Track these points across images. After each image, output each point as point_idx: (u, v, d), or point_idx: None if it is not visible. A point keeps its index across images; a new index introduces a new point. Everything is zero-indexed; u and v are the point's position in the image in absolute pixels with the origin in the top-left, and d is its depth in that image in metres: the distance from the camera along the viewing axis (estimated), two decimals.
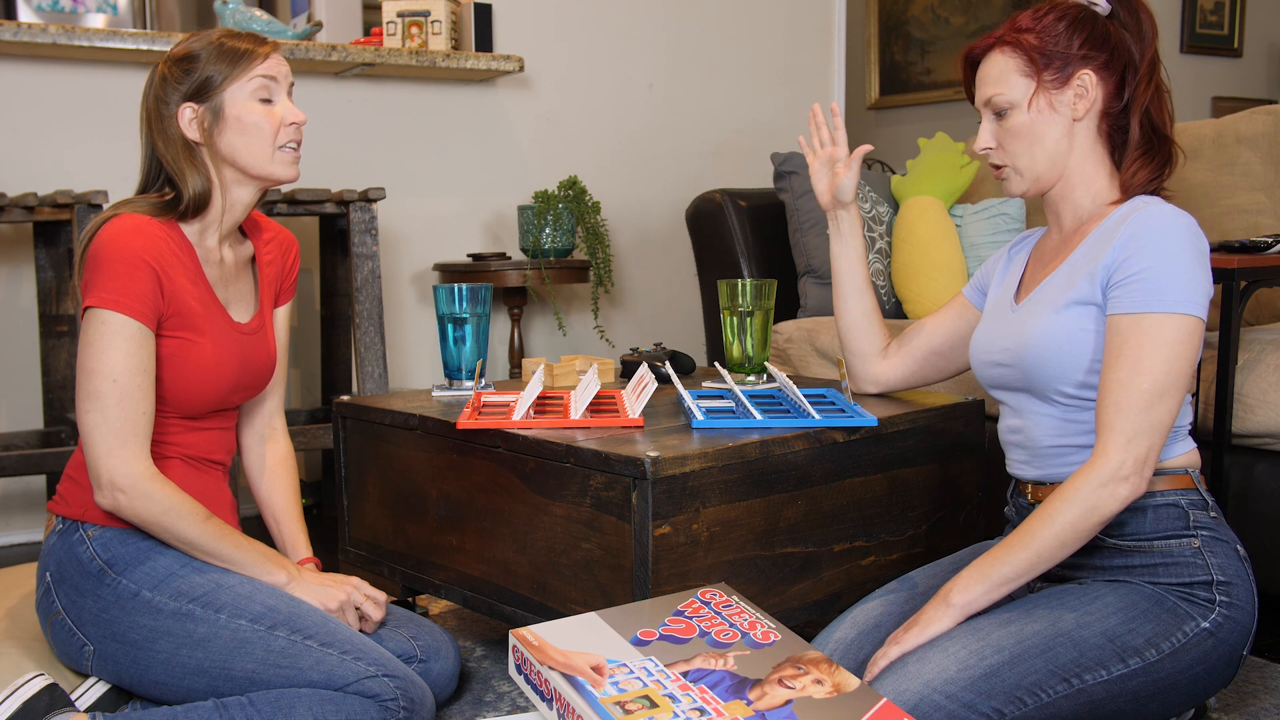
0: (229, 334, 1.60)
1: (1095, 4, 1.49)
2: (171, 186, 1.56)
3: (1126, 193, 1.49)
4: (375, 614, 1.60)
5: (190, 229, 1.58)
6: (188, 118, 1.55)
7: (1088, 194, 1.51)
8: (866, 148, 1.84)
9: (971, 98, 1.58)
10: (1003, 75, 1.49)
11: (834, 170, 1.85)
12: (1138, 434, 1.34)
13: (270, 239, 1.73)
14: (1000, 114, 1.50)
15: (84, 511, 1.54)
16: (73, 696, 1.49)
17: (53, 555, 1.55)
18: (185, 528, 1.49)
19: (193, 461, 1.61)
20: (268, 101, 1.57)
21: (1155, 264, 1.36)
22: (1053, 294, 1.49)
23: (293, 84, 1.62)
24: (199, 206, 1.57)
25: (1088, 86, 1.47)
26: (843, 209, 1.86)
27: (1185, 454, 1.47)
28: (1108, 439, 1.35)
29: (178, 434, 1.59)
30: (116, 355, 1.46)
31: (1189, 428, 1.49)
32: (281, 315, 1.76)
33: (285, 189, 2.58)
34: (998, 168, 1.54)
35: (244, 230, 1.70)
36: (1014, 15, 1.52)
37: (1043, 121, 1.48)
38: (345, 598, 1.57)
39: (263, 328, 1.69)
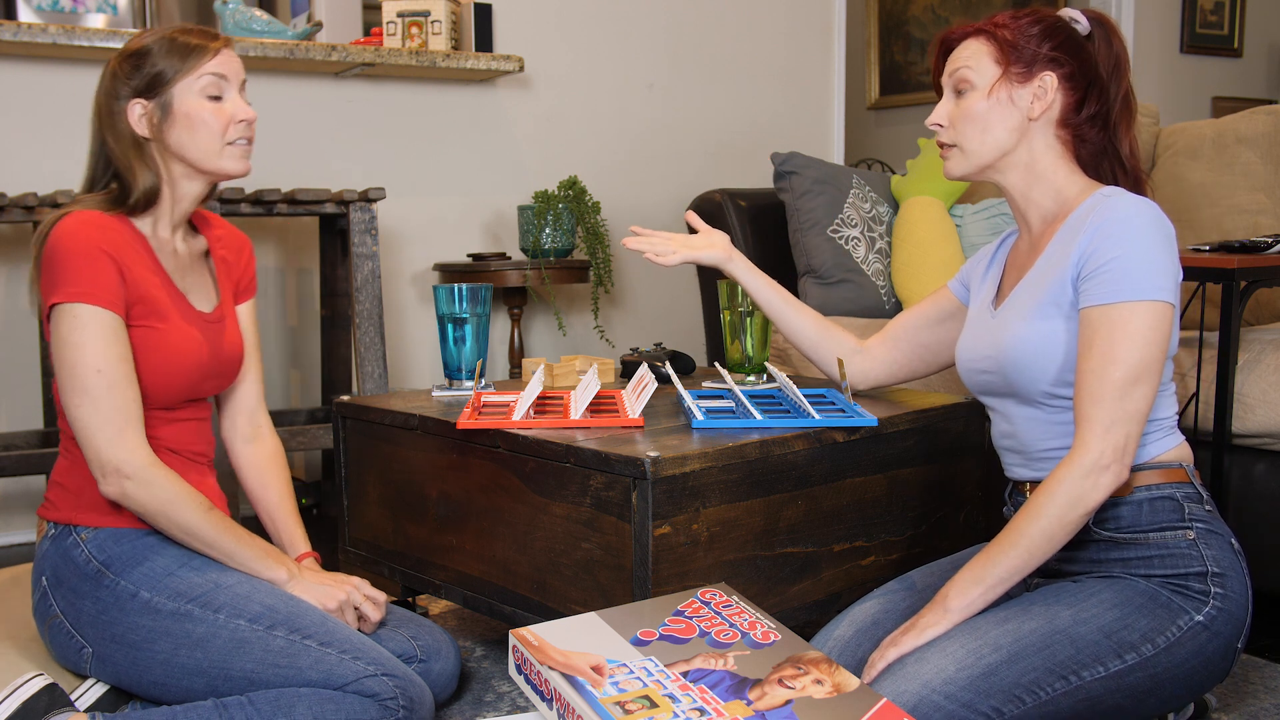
0: (194, 321, 1.60)
1: (1075, 21, 1.54)
2: (119, 182, 1.56)
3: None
4: (374, 615, 1.60)
5: (141, 223, 1.59)
6: (137, 114, 1.55)
7: (1048, 194, 1.54)
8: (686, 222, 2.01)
9: (938, 84, 1.61)
10: (974, 56, 1.53)
11: (691, 246, 1.91)
12: (1115, 422, 1.35)
13: (221, 236, 1.74)
14: (960, 94, 1.54)
15: (75, 514, 1.54)
16: (72, 697, 1.49)
17: (47, 560, 1.55)
18: (189, 516, 1.49)
19: (175, 454, 1.60)
20: (218, 99, 1.57)
21: (1121, 254, 1.38)
22: (1027, 297, 1.50)
23: (245, 80, 1.62)
24: (148, 201, 1.57)
25: (1047, 89, 1.50)
26: (733, 257, 1.92)
27: (1175, 448, 1.49)
28: (1085, 430, 1.37)
29: (156, 427, 1.58)
30: (96, 346, 1.46)
31: (1174, 420, 1.50)
32: (245, 312, 1.75)
33: (285, 189, 2.58)
34: (944, 146, 1.57)
35: (195, 226, 1.71)
36: (995, 14, 1.57)
37: (997, 111, 1.51)
38: (345, 597, 1.57)
39: (226, 317, 1.69)
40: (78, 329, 1.46)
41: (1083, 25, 1.53)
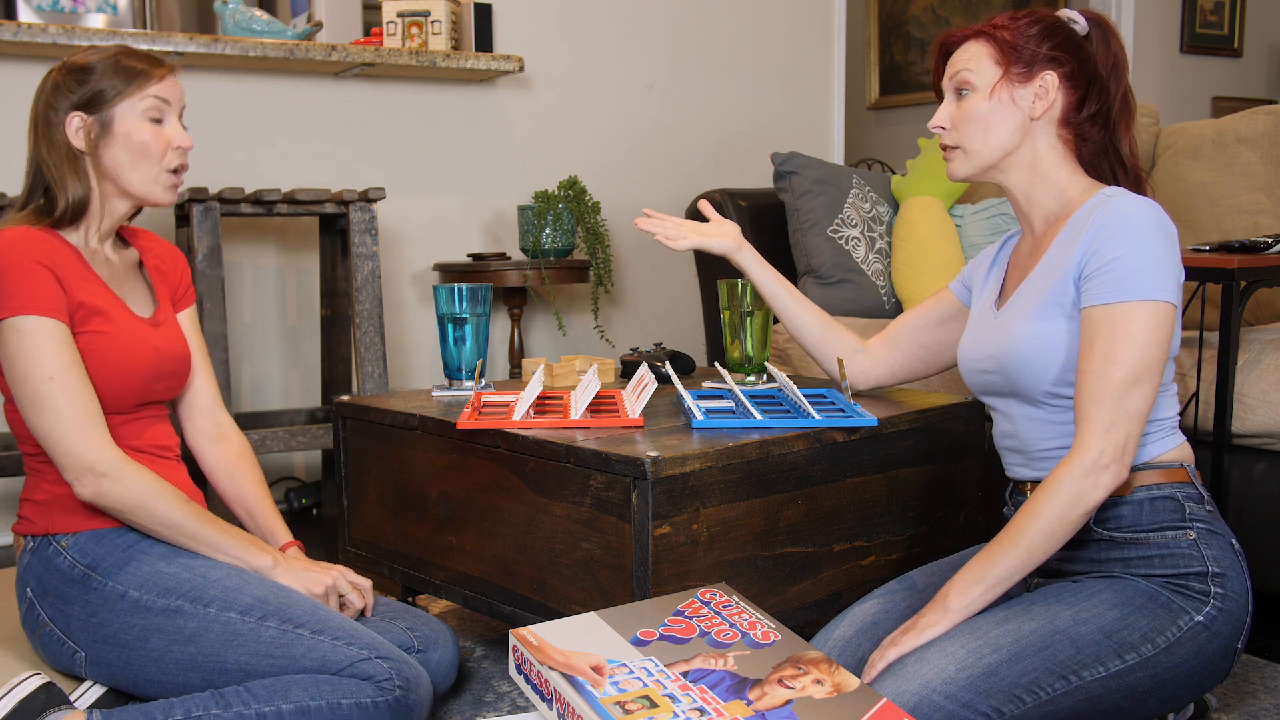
0: (135, 324, 1.61)
1: (1074, 21, 1.54)
2: (46, 195, 1.57)
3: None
4: (357, 601, 1.61)
5: (71, 235, 1.59)
6: (75, 126, 1.56)
7: (1050, 194, 1.54)
8: (702, 203, 2.03)
9: (938, 86, 1.61)
10: (975, 58, 1.53)
11: (702, 233, 1.92)
12: (1115, 422, 1.35)
13: (151, 247, 1.74)
14: (961, 96, 1.54)
15: (49, 524, 1.54)
16: (71, 699, 1.49)
17: (31, 572, 1.55)
18: (167, 509, 1.49)
19: (142, 453, 1.60)
20: (158, 123, 1.58)
21: (1123, 253, 1.38)
22: (1030, 297, 1.51)
23: (184, 108, 1.63)
24: (75, 214, 1.57)
25: (1048, 88, 1.50)
26: (743, 248, 1.93)
27: (1177, 448, 1.49)
28: (1086, 429, 1.37)
29: (115, 428, 1.57)
30: (45, 354, 1.46)
31: (1176, 420, 1.50)
32: (186, 319, 1.76)
33: (285, 189, 2.58)
34: (947, 149, 1.57)
35: (124, 239, 1.71)
36: (994, 16, 1.57)
37: (999, 111, 1.51)
38: (330, 582, 1.59)
39: (167, 321, 1.69)
40: (24, 340, 1.46)
41: (1081, 25, 1.53)
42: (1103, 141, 1.53)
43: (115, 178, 1.58)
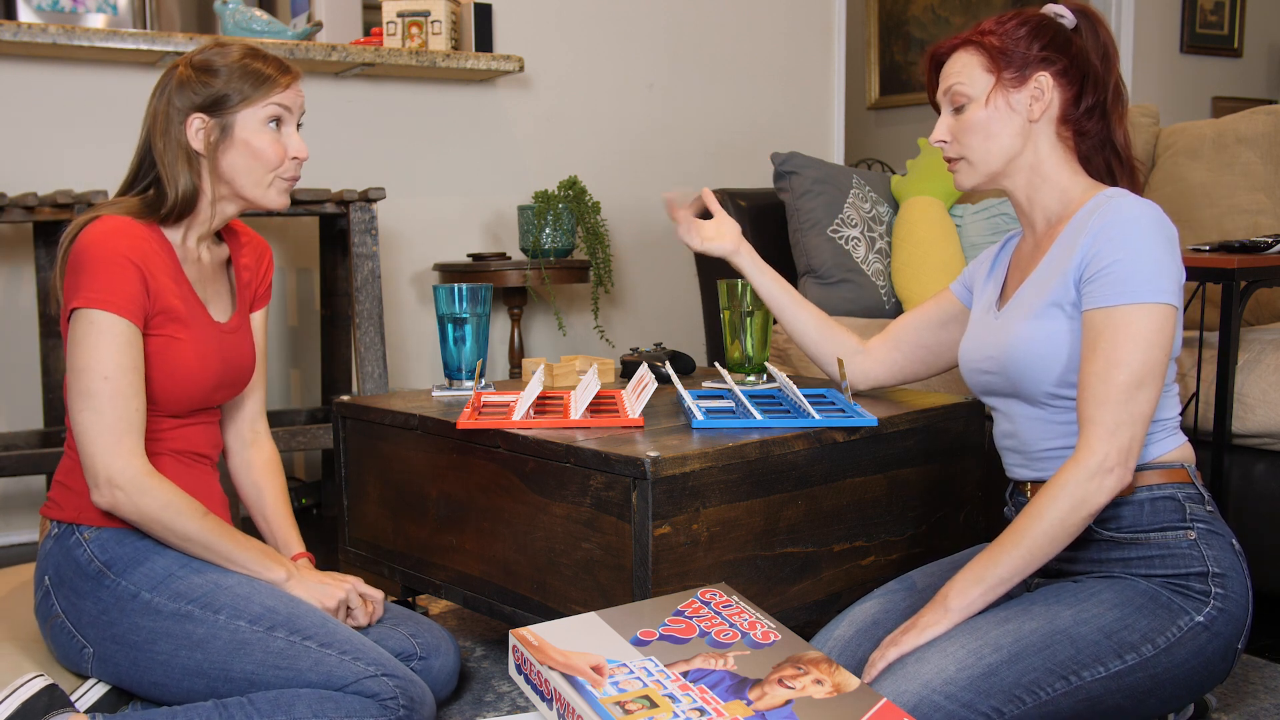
0: (211, 332, 1.61)
1: (1061, 16, 1.53)
2: (157, 188, 1.56)
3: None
4: (360, 618, 1.61)
5: (171, 232, 1.59)
6: (195, 127, 1.55)
7: (1053, 195, 1.54)
8: (706, 193, 2.02)
9: (934, 100, 1.61)
10: (965, 69, 1.52)
11: (702, 236, 1.94)
12: (1119, 425, 1.35)
13: (245, 244, 1.74)
14: (958, 108, 1.54)
15: (78, 514, 1.54)
16: (73, 698, 1.49)
17: (50, 559, 1.55)
18: (184, 524, 1.49)
19: (181, 456, 1.61)
20: (277, 130, 1.58)
21: (1124, 256, 1.38)
22: (1031, 298, 1.50)
23: (304, 113, 1.62)
24: (182, 214, 1.57)
25: (1044, 89, 1.49)
26: (740, 250, 1.94)
27: (1178, 448, 1.49)
28: (1090, 432, 1.37)
29: (164, 431, 1.59)
30: (106, 353, 1.46)
31: (1177, 421, 1.50)
32: (258, 320, 1.76)
33: None
34: (951, 161, 1.57)
35: (219, 234, 1.71)
36: (979, 21, 1.56)
37: (998, 118, 1.51)
38: (343, 595, 1.58)
39: (241, 327, 1.69)
40: (93, 334, 1.46)
41: (1068, 19, 1.52)
42: (1102, 134, 1.53)
43: (230, 181, 1.58)
